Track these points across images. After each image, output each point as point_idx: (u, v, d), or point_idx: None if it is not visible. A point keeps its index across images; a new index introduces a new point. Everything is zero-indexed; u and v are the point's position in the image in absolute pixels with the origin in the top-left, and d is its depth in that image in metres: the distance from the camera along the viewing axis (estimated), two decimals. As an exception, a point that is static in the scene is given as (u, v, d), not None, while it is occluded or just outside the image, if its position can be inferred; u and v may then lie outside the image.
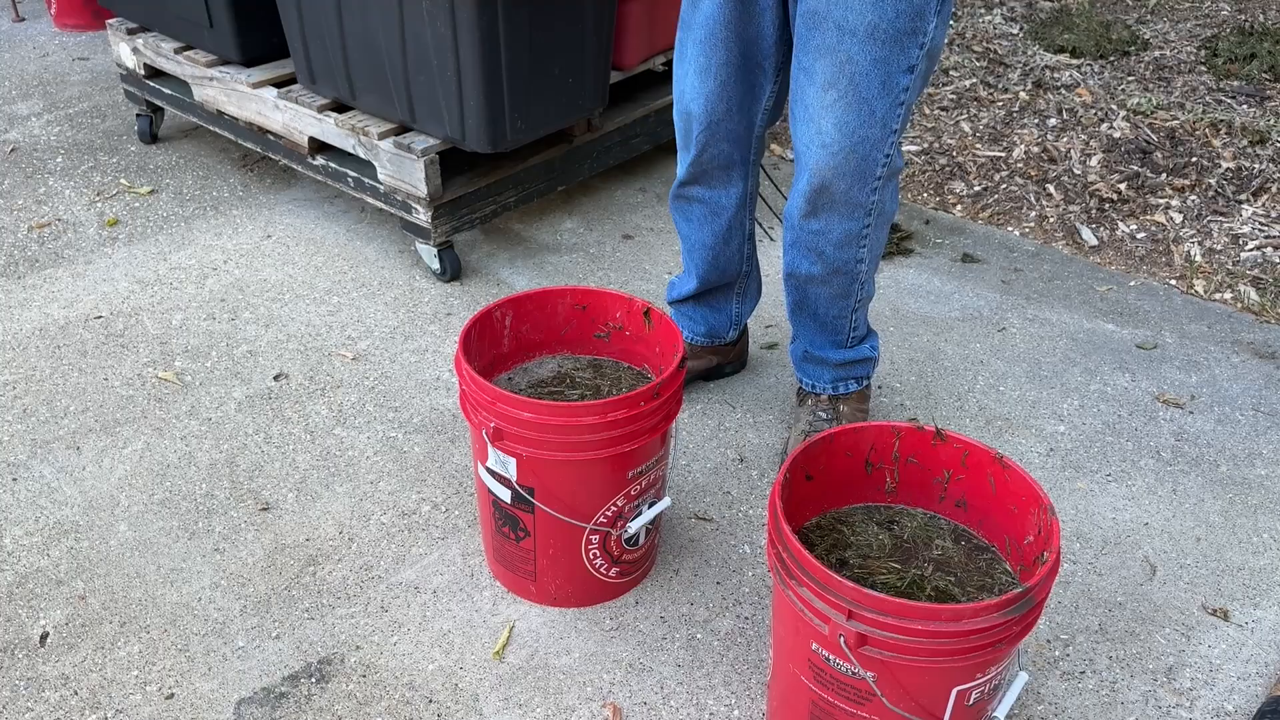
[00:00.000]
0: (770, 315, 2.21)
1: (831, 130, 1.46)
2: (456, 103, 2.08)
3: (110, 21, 2.80)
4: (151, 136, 2.91)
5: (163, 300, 2.24)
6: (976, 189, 2.72)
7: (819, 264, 1.62)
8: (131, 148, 2.91)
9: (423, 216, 2.24)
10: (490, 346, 1.53)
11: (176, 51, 2.61)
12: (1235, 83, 3.06)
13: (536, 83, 2.15)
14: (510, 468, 1.37)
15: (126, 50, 2.76)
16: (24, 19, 3.85)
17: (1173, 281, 2.35)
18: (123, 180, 2.73)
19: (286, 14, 2.30)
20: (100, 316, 2.18)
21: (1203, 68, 3.18)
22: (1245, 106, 2.95)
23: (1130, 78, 3.16)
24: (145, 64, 2.73)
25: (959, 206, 2.67)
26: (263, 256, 2.41)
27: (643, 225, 2.59)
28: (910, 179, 2.79)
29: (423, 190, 2.19)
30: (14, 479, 1.75)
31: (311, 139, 2.39)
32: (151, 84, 2.77)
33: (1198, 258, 2.41)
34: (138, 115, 2.90)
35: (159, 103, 2.80)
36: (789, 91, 1.54)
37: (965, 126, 2.98)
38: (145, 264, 2.37)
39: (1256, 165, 2.68)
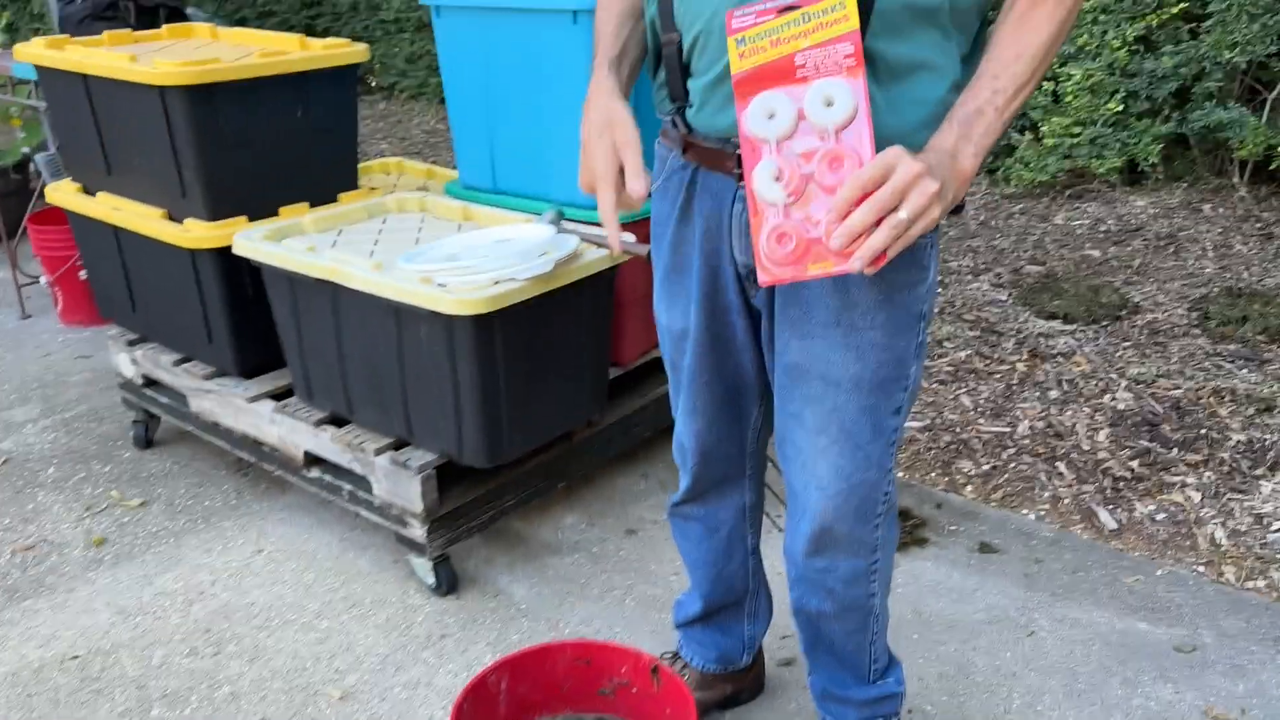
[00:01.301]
0: (783, 624, 2.10)
1: (827, 474, 1.42)
2: (454, 420, 2.05)
3: (110, 333, 2.83)
4: (147, 442, 2.88)
5: (144, 634, 2.13)
6: (985, 468, 2.66)
7: (829, 601, 1.54)
8: (126, 454, 2.87)
9: (418, 532, 2.16)
10: (485, 715, 1.41)
11: (175, 364, 2.62)
12: (1231, 346, 3.07)
13: (535, 395, 2.13)
14: None
15: (125, 360, 2.77)
16: (30, 315, 3.92)
17: (1201, 568, 2.25)
18: (114, 492, 2.68)
19: (285, 333, 2.31)
20: (77, 657, 2.07)
21: (1196, 330, 3.20)
22: (1245, 371, 2.94)
23: (1126, 343, 3.17)
24: (143, 374, 2.74)
25: (969, 487, 2.61)
26: (252, 575, 2.32)
27: (646, 518, 2.52)
28: (916, 458, 2.74)
29: (418, 506, 2.13)
30: None
31: (307, 453, 2.35)
32: (148, 393, 2.76)
33: (1223, 541, 2.32)
34: (134, 422, 2.88)
35: (155, 411, 2.79)
36: (775, 430, 1.51)
37: (966, 401, 2.96)
38: (129, 590, 2.28)
39: (1268, 437, 2.63)
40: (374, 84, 7.06)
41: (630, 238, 2.00)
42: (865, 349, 1.37)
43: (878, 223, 1.10)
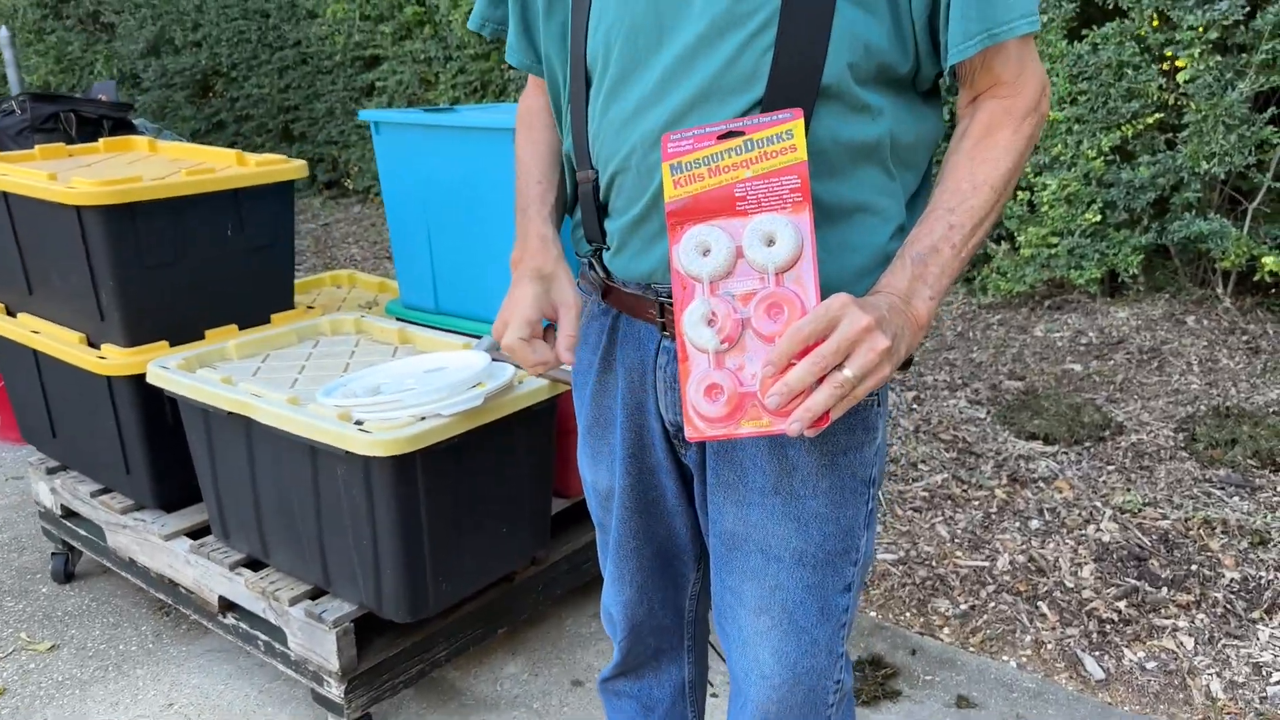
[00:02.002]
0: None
1: (770, 661, 1.24)
2: (372, 570, 1.87)
3: (32, 459, 2.66)
4: (66, 576, 2.69)
5: (24, 808, 1.91)
6: (963, 608, 2.47)
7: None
8: (43, 588, 2.67)
9: (335, 691, 1.96)
10: None
11: (93, 495, 2.45)
12: (1221, 471, 2.91)
13: (465, 540, 1.95)
14: None
15: (45, 489, 2.60)
16: (-30, 431, 3.74)
17: (1198, 727, 2.06)
18: (23, 634, 2.48)
19: (200, 468, 2.14)
20: (-57, 839, 1.85)
21: (1184, 453, 3.05)
22: (1236, 499, 2.78)
23: (1110, 467, 3.01)
24: (62, 504, 2.56)
25: (946, 629, 2.42)
26: (156, 736, 2.11)
27: (595, 665, 2.32)
28: (890, 594, 2.55)
29: (334, 664, 1.93)
30: None
31: (222, 598, 2.16)
32: (67, 524, 2.58)
33: (1219, 694, 2.13)
34: (53, 554, 2.69)
35: (75, 544, 2.60)
36: (714, 603, 1.33)
37: (942, 530, 2.78)
38: (17, 754, 2.06)
39: (1263, 574, 2.46)
40: (350, 187, 7.02)
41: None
42: (808, 520, 1.21)
43: (820, 380, 0.96)
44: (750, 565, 1.24)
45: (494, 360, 2.02)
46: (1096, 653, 2.29)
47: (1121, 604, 2.42)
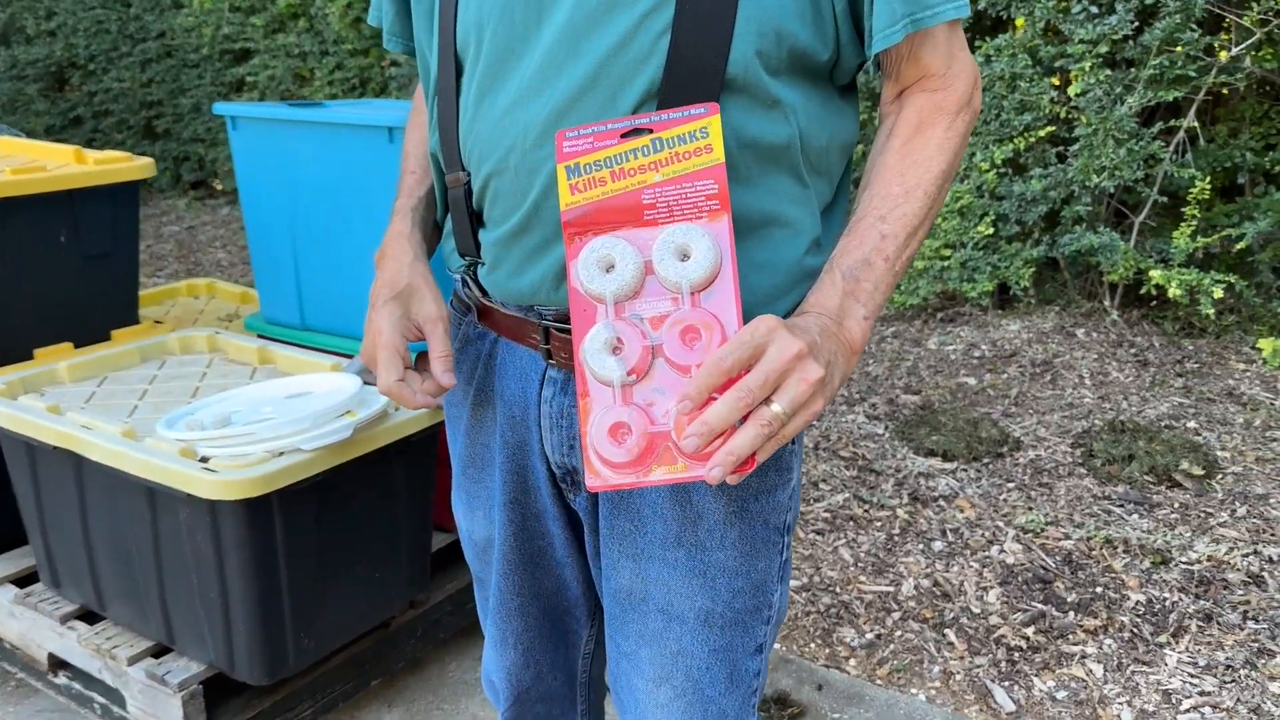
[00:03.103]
0: None
1: (672, 737, 1.08)
2: (222, 626, 1.64)
3: None
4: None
5: None
6: (869, 637, 2.36)
7: None
8: None
9: (182, 762, 1.73)
10: None
11: (-99, 536, 2.14)
12: (1119, 488, 2.88)
13: (332, 589, 1.74)
14: None
15: None
16: None
17: (1111, 762, 1.98)
18: None
19: (24, 504, 1.88)
20: None
21: (1082, 470, 3.01)
22: (1136, 517, 2.75)
23: (1010, 484, 2.96)
24: None
25: (852, 661, 2.30)
26: (-31, 818, 1.84)
27: (480, 715, 2.13)
28: (794, 624, 2.42)
29: (180, 732, 1.70)
30: None
31: (52, 655, 1.90)
32: (-128, 569, 2.26)
33: (1132, 725, 2.06)
34: None
35: (-120, 591, 2.29)
36: (608, 668, 1.17)
37: (845, 554, 2.67)
38: None
39: (1167, 596, 2.41)
40: (218, 188, 6.64)
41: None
42: (715, 575, 1.05)
43: (745, 417, 0.81)
44: (649, 628, 1.08)
45: (366, 384, 1.81)
46: (1006, 683, 2.21)
47: (1029, 630, 2.34)
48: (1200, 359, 3.74)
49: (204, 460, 1.57)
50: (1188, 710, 2.09)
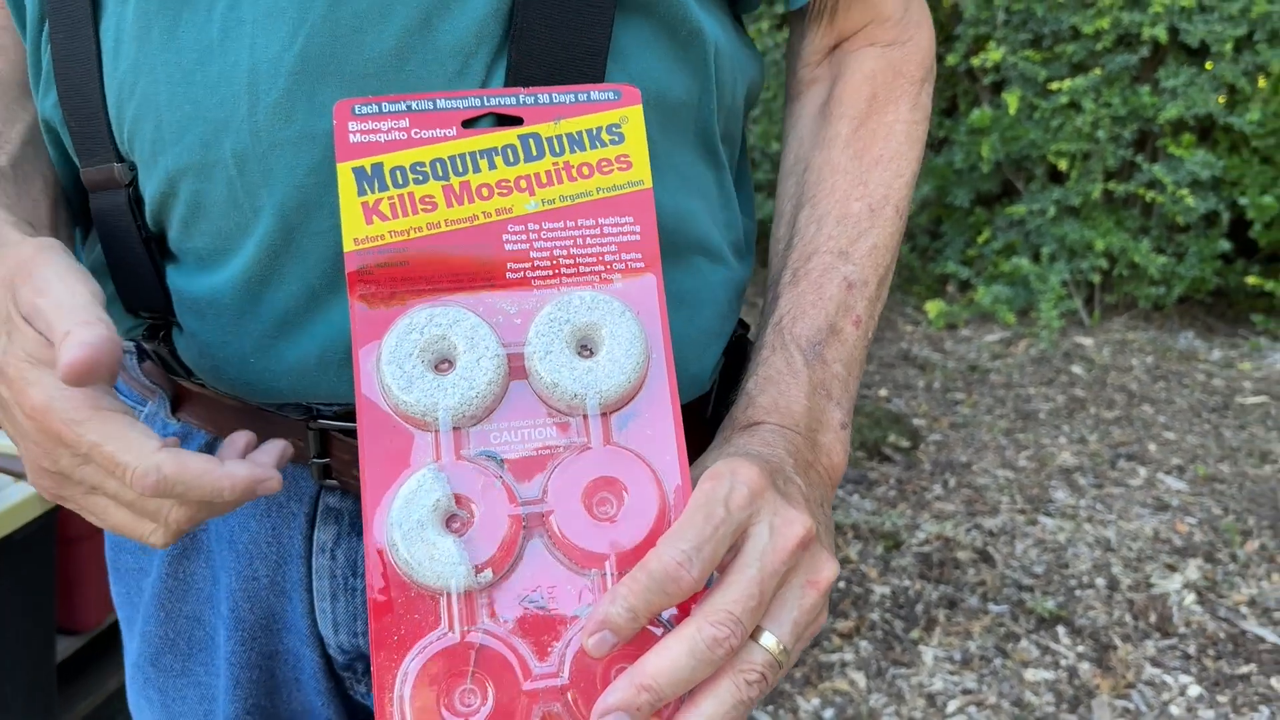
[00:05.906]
0: None
1: None
2: None
3: None
4: None
5: None
6: (615, 674, 2.07)
7: None
8: None
9: None
10: None
11: None
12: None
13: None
14: None
15: None
16: None
17: (895, 786, 1.83)
18: None
19: None
20: None
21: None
22: (857, 497, 2.67)
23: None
24: None
25: (600, 706, 2.00)
26: None
27: None
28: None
29: None
30: None
31: None
32: None
33: (904, 738, 1.93)
34: None
35: None
36: None
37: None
38: None
39: (909, 585, 2.33)
40: None
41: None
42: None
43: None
44: None
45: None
46: (770, 707, 2.00)
47: (785, 643, 2.16)
48: (874, 322, 3.81)
49: None
50: (954, 713, 2.00)
